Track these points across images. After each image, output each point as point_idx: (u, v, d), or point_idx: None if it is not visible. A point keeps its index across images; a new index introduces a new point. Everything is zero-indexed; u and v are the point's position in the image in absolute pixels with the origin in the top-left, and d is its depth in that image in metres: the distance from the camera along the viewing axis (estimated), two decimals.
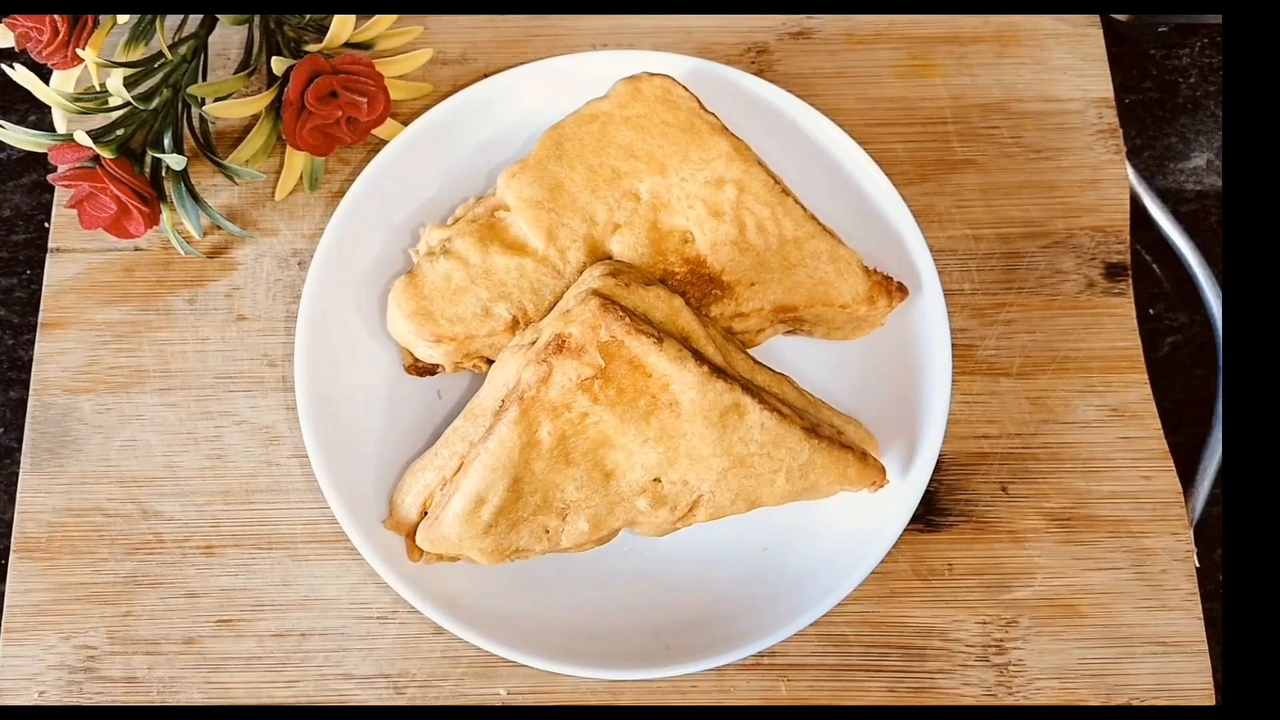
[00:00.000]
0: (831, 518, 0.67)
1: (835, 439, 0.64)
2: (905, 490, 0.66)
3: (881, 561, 0.64)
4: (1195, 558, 0.68)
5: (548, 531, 0.62)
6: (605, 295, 0.61)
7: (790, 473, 0.63)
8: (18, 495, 0.69)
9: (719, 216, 0.68)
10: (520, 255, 0.67)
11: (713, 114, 0.71)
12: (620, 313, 0.59)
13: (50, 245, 0.74)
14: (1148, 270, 0.78)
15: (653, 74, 0.71)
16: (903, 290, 0.68)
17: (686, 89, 0.71)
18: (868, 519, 0.66)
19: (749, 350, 0.69)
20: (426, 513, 0.64)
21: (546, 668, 0.62)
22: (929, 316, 0.69)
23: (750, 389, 0.62)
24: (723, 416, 0.61)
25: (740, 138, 0.70)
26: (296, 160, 0.74)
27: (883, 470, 0.65)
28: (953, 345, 0.68)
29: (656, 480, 0.62)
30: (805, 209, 0.69)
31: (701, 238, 0.68)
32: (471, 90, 0.73)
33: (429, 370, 0.69)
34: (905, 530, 0.65)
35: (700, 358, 0.61)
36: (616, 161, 0.69)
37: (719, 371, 0.61)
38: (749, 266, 0.67)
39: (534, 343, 0.63)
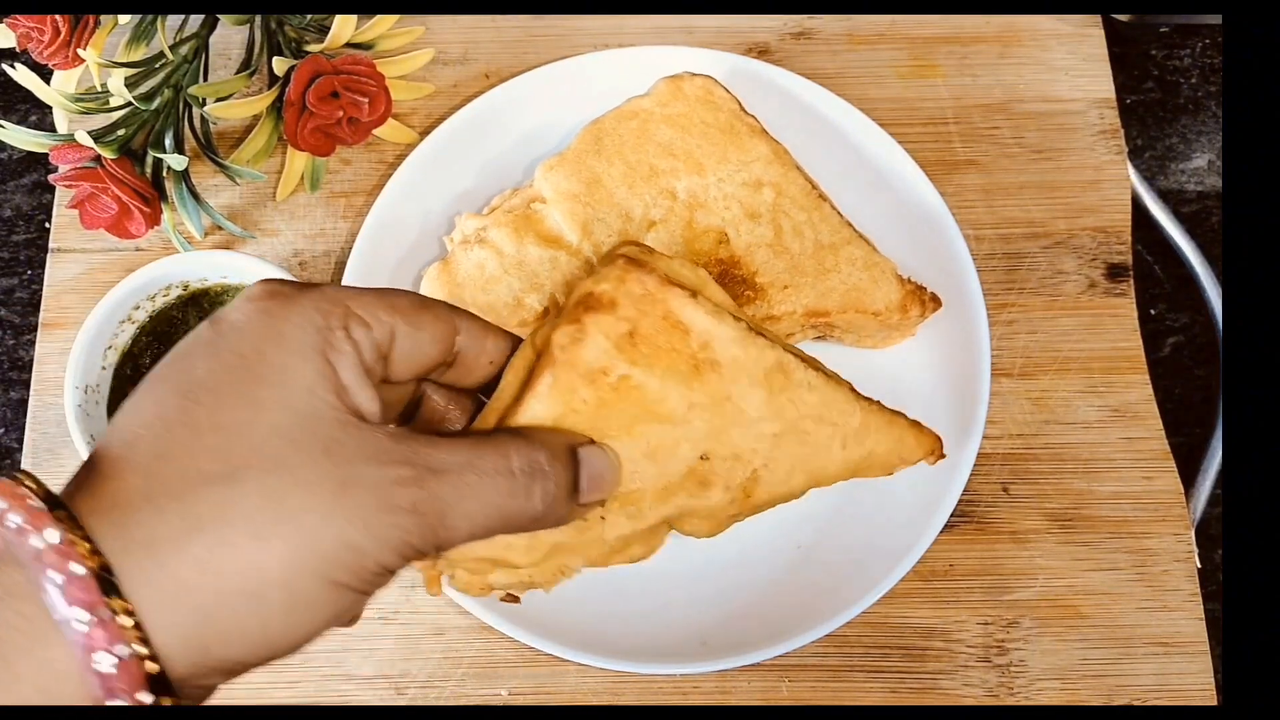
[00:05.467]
0: (866, 514, 0.67)
1: (882, 406, 0.61)
2: (941, 489, 0.65)
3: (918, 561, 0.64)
4: (1197, 558, 0.68)
5: (586, 519, 0.56)
6: (631, 256, 0.58)
7: (847, 439, 0.59)
8: None
9: (755, 218, 0.68)
10: (554, 248, 0.67)
11: (753, 117, 0.71)
12: (650, 267, 0.55)
13: (51, 245, 0.74)
14: (1149, 271, 0.78)
15: (695, 74, 0.71)
16: (935, 301, 0.68)
17: (728, 90, 0.71)
18: (901, 517, 0.65)
19: None
20: None
21: (584, 662, 0.62)
22: (969, 326, 0.68)
23: (790, 350, 0.59)
24: (768, 375, 0.57)
25: (779, 141, 0.70)
26: (298, 161, 0.74)
27: (939, 440, 0.61)
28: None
29: (705, 457, 0.57)
30: (842, 215, 0.69)
31: (737, 238, 0.67)
32: (514, 83, 0.73)
33: None
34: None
35: (736, 316, 0.58)
36: (655, 159, 0.69)
37: (757, 331, 0.58)
38: (783, 269, 0.67)
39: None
